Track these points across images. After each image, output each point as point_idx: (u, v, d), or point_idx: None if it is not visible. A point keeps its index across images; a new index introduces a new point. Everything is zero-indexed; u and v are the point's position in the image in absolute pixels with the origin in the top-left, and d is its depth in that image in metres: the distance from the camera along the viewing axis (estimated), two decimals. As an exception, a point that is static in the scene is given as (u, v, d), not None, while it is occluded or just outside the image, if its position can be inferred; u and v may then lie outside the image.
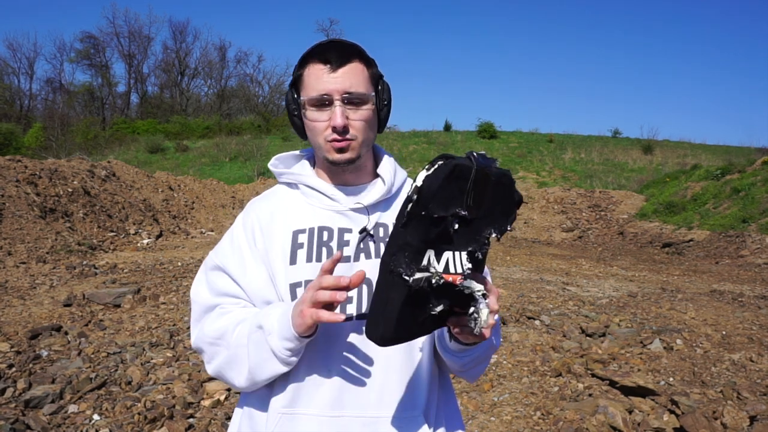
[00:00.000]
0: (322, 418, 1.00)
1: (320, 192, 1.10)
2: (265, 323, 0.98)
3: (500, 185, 0.88)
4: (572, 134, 34.64)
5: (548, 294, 6.55)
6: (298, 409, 1.01)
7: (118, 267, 7.84)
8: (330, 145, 1.04)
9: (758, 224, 11.56)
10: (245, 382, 1.02)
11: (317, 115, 1.04)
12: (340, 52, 1.03)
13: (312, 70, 1.04)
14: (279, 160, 1.18)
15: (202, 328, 1.09)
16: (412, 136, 32.45)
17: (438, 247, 0.85)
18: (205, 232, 12.72)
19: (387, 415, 1.02)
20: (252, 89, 50.69)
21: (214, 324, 1.07)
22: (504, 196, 0.89)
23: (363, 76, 1.05)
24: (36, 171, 10.33)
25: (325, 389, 1.01)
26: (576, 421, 3.14)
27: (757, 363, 4.10)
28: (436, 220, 0.83)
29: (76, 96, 44.73)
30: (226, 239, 1.15)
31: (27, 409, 3.17)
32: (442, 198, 0.82)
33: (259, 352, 0.98)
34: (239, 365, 1.01)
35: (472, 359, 1.04)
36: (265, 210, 1.13)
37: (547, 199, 17.77)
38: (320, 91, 1.02)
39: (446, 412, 1.12)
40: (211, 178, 18.81)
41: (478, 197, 0.85)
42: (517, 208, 0.90)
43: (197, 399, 3.38)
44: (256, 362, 0.99)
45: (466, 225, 0.86)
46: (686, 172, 18.35)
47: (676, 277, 8.29)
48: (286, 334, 0.95)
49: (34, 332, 4.45)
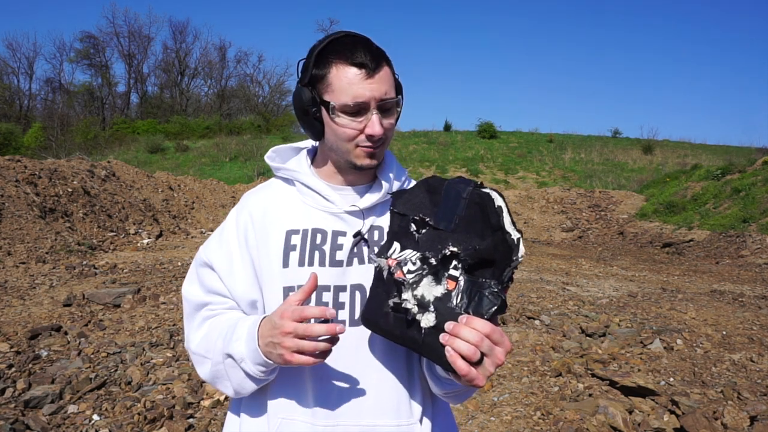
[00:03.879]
0: (317, 427, 0.99)
1: (316, 192, 1.08)
2: (234, 352, 0.98)
3: (474, 204, 0.90)
4: (572, 134, 34.66)
5: (548, 294, 6.55)
6: (295, 416, 1.01)
7: (118, 267, 7.83)
8: (362, 151, 1.02)
9: (758, 224, 11.56)
10: (234, 395, 1.04)
11: (350, 122, 0.99)
12: (372, 55, 0.98)
13: (342, 73, 0.97)
14: (276, 152, 1.16)
15: (189, 335, 1.10)
16: (412, 136, 32.44)
17: (404, 243, 0.94)
18: (205, 232, 12.71)
19: (383, 423, 1.01)
20: (252, 89, 50.72)
21: (199, 332, 1.08)
22: (477, 217, 0.89)
23: (391, 81, 1.02)
24: (36, 171, 10.33)
25: (321, 397, 1.01)
26: (576, 421, 3.14)
27: (757, 363, 4.10)
28: (402, 216, 0.96)
29: (76, 96, 44.73)
30: (215, 235, 1.14)
31: (27, 410, 3.17)
32: (409, 201, 0.97)
33: (237, 376, 1.00)
34: (224, 382, 1.03)
35: (453, 391, 1.00)
36: (259, 205, 1.11)
37: (547, 199, 17.77)
38: (357, 98, 0.97)
39: (442, 420, 1.11)
40: (211, 178, 18.81)
41: (447, 211, 0.92)
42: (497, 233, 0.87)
43: (197, 399, 3.37)
44: (238, 383, 1.01)
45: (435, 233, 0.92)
46: (686, 172, 18.36)
47: (676, 277, 8.29)
48: (258, 361, 0.95)
49: (33, 332, 4.45)
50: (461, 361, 0.82)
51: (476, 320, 0.83)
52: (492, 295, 0.85)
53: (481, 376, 0.83)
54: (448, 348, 0.83)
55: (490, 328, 0.83)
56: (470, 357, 0.82)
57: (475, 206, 0.89)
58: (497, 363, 0.84)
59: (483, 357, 0.83)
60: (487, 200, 0.88)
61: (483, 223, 0.88)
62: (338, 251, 1.04)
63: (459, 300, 0.87)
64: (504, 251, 0.86)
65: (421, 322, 0.87)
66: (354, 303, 1.03)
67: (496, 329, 0.84)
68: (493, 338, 0.83)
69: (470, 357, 0.82)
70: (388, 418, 1.01)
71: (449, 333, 0.83)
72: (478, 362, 0.83)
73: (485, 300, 0.85)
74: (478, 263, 0.87)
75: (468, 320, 0.83)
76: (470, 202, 0.90)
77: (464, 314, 0.85)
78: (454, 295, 0.87)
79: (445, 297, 0.87)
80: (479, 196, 0.89)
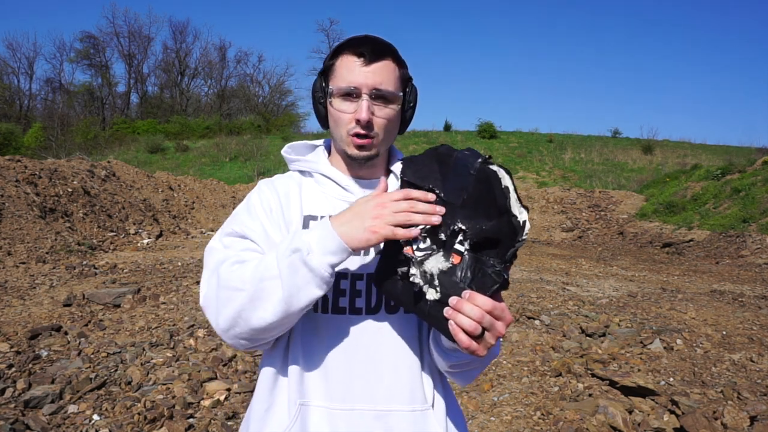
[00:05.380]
0: (334, 411, 1.01)
1: (334, 181, 1.11)
2: (301, 245, 0.90)
3: (481, 181, 0.90)
4: (572, 134, 34.68)
5: (548, 294, 6.55)
6: (310, 401, 1.02)
7: (118, 267, 7.83)
8: (351, 139, 1.05)
9: (758, 224, 11.56)
10: (276, 316, 0.92)
11: (343, 106, 1.04)
12: (375, 47, 1.03)
13: (344, 61, 1.04)
14: (292, 148, 1.19)
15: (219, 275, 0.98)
16: (412, 136, 32.44)
17: None
18: (205, 232, 12.71)
19: (398, 408, 1.03)
20: (252, 89, 50.76)
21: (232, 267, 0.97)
22: (484, 195, 0.90)
23: (394, 75, 1.05)
24: (36, 171, 10.33)
25: (336, 382, 1.02)
26: (576, 421, 3.14)
27: (757, 363, 4.10)
28: (412, 185, 0.95)
29: (76, 96, 44.74)
30: (242, 209, 1.10)
31: (27, 410, 3.17)
32: (419, 170, 0.96)
33: (295, 278, 0.89)
34: (268, 299, 0.91)
35: (460, 362, 1.01)
36: (282, 186, 1.12)
37: (547, 199, 17.77)
38: (350, 83, 1.02)
39: (453, 407, 1.13)
40: (211, 178, 18.82)
41: (456, 184, 0.92)
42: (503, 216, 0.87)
43: (197, 399, 3.37)
44: (291, 291, 0.90)
45: (444, 205, 0.92)
46: (686, 172, 18.36)
47: (676, 277, 8.29)
48: (332, 248, 0.89)
49: (33, 332, 4.45)
50: (463, 334, 0.85)
51: (478, 297, 0.86)
52: (495, 273, 0.88)
53: (482, 348, 0.87)
54: (451, 322, 0.87)
55: (491, 305, 0.86)
56: (472, 332, 0.85)
57: (482, 183, 0.90)
58: (497, 335, 0.87)
59: (484, 330, 0.87)
60: (493, 179, 0.89)
61: (489, 201, 0.89)
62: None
63: (463, 275, 0.89)
64: (509, 232, 0.88)
65: (426, 295, 0.90)
66: (371, 291, 1.05)
67: (498, 305, 0.87)
68: (494, 314, 0.86)
69: (472, 332, 0.85)
70: (402, 403, 1.03)
71: (453, 308, 0.86)
72: (479, 335, 0.86)
73: (488, 278, 0.88)
74: (483, 242, 0.89)
75: (471, 296, 0.86)
76: (478, 178, 0.90)
77: (467, 290, 0.88)
78: (458, 270, 0.89)
79: (450, 271, 0.90)
80: (486, 173, 0.90)
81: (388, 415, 1.02)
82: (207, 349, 4.23)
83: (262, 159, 26.85)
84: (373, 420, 1.01)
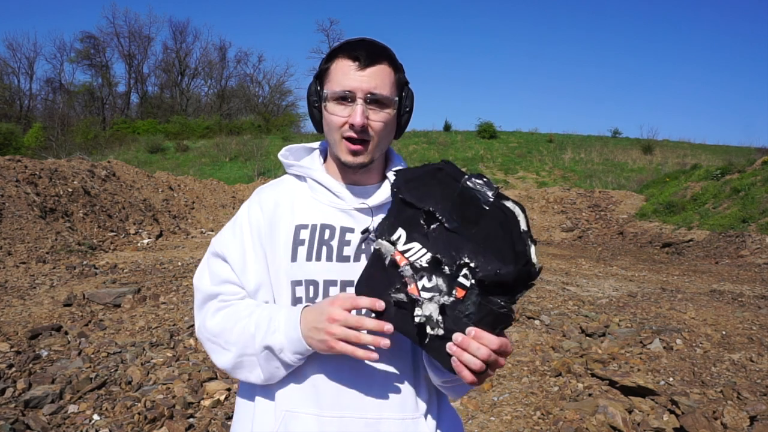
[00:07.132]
0: (323, 419, 1.01)
1: (327, 188, 1.11)
2: (273, 344, 0.99)
3: (494, 219, 0.84)
4: (572, 134, 34.69)
5: (548, 294, 6.55)
6: (301, 409, 1.02)
7: (118, 267, 7.83)
8: (345, 144, 1.04)
9: (758, 224, 11.56)
10: (262, 382, 1.05)
11: (337, 110, 1.03)
12: (371, 51, 1.03)
13: (339, 65, 1.04)
14: (290, 151, 1.19)
15: (204, 322, 1.10)
16: (411, 136, 32.44)
17: (411, 232, 0.90)
18: (205, 232, 12.71)
19: (389, 416, 1.02)
20: (252, 89, 50.74)
21: (214, 319, 1.07)
22: (498, 235, 0.83)
23: (389, 80, 1.04)
24: (36, 171, 10.33)
25: (327, 390, 1.02)
26: (576, 421, 3.14)
27: (757, 363, 4.10)
28: (408, 204, 0.91)
29: (76, 96, 44.72)
30: (228, 228, 1.15)
31: (27, 409, 3.17)
32: (416, 188, 0.91)
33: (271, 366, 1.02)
34: (251, 372, 1.04)
35: (453, 378, 1.00)
36: (271, 199, 1.13)
37: (547, 199, 17.77)
38: (344, 87, 1.02)
39: (447, 417, 1.12)
40: (211, 178, 18.81)
41: (462, 213, 0.87)
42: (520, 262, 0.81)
43: (197, 399, 3.38)
44: (271, 373, 1.03)
45: (446, 233, 0.87)
46: (686, 172, 18.36)
47: (676, 277, 8.29)
48: (299, 349, 0.98)
49: (34, 332, 4.45)
50: (467, 371, 0.84)
51: (485, 335, 0.84)
52: (503, 312, 0.84)
53: (482, 380, 0.87)
54: (454, 358, 0.85)
55: (498, 343, 0.85)
56: (477, 370, 0.84)
57: (496, 221, 0.84)
58: (498, 367, 0.87)
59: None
60: (512, 221, 0.83)
61: (505, 244, 0.83)
62: (346, 247, 1.05)
63: (468, 310, 0.85)
64: (524, 278, 0.83)
65: (427, 329, 0.87)
66: None
67: (503, 342, 0.86)
68: (498, 351, 0.85)
69: (477, 370, 0.84)
70: (393, 411, 1.02)
71: (457, 345, 0.85)
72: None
73: (495, 316, 0.84)
74: (494, 284, 0.84)
75: (477, 335, 0.84)
76: (492, 215, 0.84)
77: (472, 327, 0.85)
78: (462, 304, 0.85)
79: (453, 305, 0.86)
80: (502, 211, 0.84)
81: (378, 423, 1.01)
82: (207, 349, 4.23)
83: (262, 159, 26.85)
84: (363, 428, 1.01)
